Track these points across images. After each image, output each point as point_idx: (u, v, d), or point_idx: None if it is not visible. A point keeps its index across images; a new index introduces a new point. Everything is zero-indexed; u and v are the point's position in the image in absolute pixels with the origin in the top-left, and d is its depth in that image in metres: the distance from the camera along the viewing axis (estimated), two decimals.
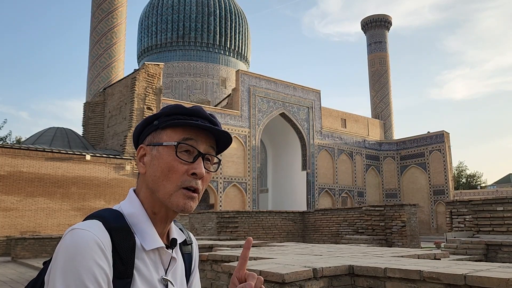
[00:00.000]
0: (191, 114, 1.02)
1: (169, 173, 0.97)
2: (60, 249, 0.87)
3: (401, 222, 13.05)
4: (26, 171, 19.88)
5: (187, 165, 0.98)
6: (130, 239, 0.94)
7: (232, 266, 3.87)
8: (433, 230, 34.93)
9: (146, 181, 1.01)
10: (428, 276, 3.04)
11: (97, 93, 28.31)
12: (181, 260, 1.09)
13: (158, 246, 0.98)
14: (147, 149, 1.02)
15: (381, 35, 46.67)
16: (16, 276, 11.44)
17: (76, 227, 0.90)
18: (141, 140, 1.06)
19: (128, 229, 0.95)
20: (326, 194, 34.57)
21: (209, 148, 1.03)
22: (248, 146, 30.19)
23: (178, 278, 1.04)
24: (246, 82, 30.85)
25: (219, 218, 15.64)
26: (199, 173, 0.98)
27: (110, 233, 0.91)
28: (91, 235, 0.87)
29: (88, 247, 0.85)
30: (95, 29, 29.66)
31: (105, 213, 0.96)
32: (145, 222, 0.99)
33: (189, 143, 0.99)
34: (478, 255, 8.04)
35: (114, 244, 0.90)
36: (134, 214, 0.99)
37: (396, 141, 40.09)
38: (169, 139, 1.00)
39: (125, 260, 0.91)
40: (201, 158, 1.00)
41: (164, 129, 1.01)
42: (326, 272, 3.49)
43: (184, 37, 38.15)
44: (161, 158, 0.99)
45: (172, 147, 0.98)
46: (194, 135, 1.01)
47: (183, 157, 0.98)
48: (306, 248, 6.72)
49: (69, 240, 0.86)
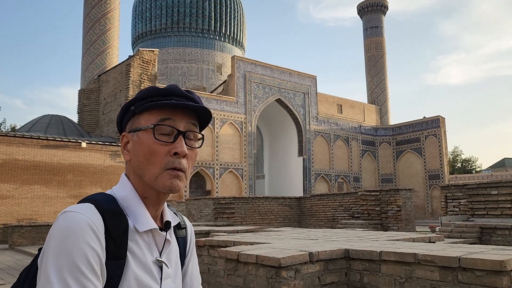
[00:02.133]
0: (166, 94, 1.00)
1: (151, 157, 0.97)
2: (53, 231, 0.87)
3: (397, 206, 13.15)
4: (21, 158, 19.80)
5: (167, 145, 0.97)
6: (123, 221, 0.94)
7: (229, 251, 3.89)
8: (428, 214, 35.25)
9: (132, 167, 1.01)
10: (423, 259, 3.07)
11: (92, 80, 28.08)
12: (176, 243, 1.09)
13: (151, 228, 0.98)
14: (129, 136, 1.02)
15: (377, 20, 46.38)
16: (13, 263, 11.49)
17: (69, 209, 0.90)
18: (123, 128, 1.06)
19: (121, 211, 0.96)
20: (322, 180, 34.73)
21: (190, 125, 1.02)
22: (244, 132, 30.16)
23: (172, 260, 1.04)
24: (241, 68, 30.67)
25: (216, 204, 15.70)
26: (180, 151, 0.97)
27: (102, 216, 0.91)
28: (83, 217, 0.88)
29: (80, 229, 0.86)
30: (88, 15, 29.29)
31: (98, 197, 0.96)
32: (137, 204, 0.99)
33: (167, 123, 0.98)
34: (472, 238, 8.13)
35: (106, 226, 0.91)
36: (126, 197, 0.99)
37: (392, 127, 40.16)
38: (146, 123, 0.99)
39: (118, 241, 0.91)
40: (181, 137, 0.99)
41: (141, 114, 1.01)
42: (322, 256, 3.51)
43: (178, 23, 37.75)
44: (141, 143, 0.98)
45: (150, 130, 0.98)
46: (171, 114, 0.99)
47: (163, 138, 0.97)
48: (302, 233, 6.77)
49: (62, 222, 0.87)
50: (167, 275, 1.00)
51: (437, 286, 2.98)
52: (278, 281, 3.26)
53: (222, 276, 3.95)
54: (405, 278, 3.19)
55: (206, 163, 27.61)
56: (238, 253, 3.71)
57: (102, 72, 27.99)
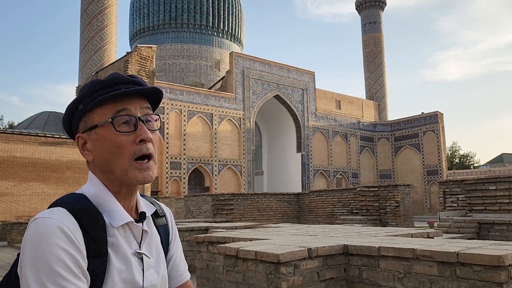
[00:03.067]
0: (113, 84, 0.98)
1: (117, 150, 0.95)
2: (26, 240, 0.86)
3: (395, 202, 13.17)
4: (19, 156, 19.77)
5: (131, 135, 0.96)
6: (98, 219, 0.93)
7: (228, 247, 3.89)
8: (426, 210, 35.35)
9: (98, 166, 0.99)
10: (422, 254, 3.08)
11: (90, 76, 27.99)
12: (155, 232, 1.08)
13: (126, 221, 0.97)
14: (85, 136, 0.99)
15: (376, 15, 46.31)
16: (12, 260, 11.46)
17: (38, 216, 0.89)
18: (74, 129, 1.02)
19: (95, 209, 0.95)
20: (321, 176, 34.77)
21: (144, 109, 1.00)
22: (243, 128, 30.14)
23: (153, 250, 1.04)
24: (240, 64, 30.61)
25: (215, 200, 15.71)
26: (146, 137, 0.97)
27: (76, 217, 0.90)
28: (54, 222, 0.86)
29: (52, 233, 0.84)
30: (86, 11, 29.17)
31: (68, 199, 0.95)
32: (109, 200, 0.98)
33: (124, 113, 0.97)
34: (470, 233, 8.15)
35: (83, 226, 0.90)
36: (97, 194, 0.98)
37: (390, 122, 40.19)
38: (101, 118, 0.96)
39: (97, 239, 0.91)
40: (141, 123, 0.98)
41: (92, 110, 0.97)
42: (321, 252, 3.52)
43: (176, 19, 37.63)
44: (103, 139, 0.96)
45: (109, 125, 0.95)
46: (125, 104, 0.97)
47: (124, 129, 0.96)
48: (301, 229, 6.78)
49: (33, 230, 0.86)
50: (149, 265, 1.00)
51: (435, 281, 2.99)
52: (277, 277, 3.27)
53: (221, 272, 3.96)
54: (404, 274, 3.20)
55: (204, 159, 27.60)
56: (237, 249, 3.71)
57: (100, 68, 27.91)
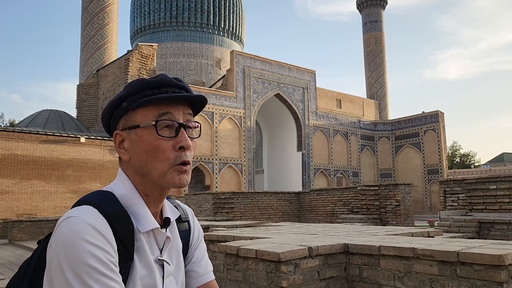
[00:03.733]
0: (159, 86, 0.97)
1: (156, 153, 0.94)
2: (58, 239, 0.84)
3: (395, 201, 13.18)
4: (20, 154, 19.78)
5: (171, 140, 0.95)
6: (129, 223, 0.92)
7: (228, 246, 3.90)
8: (426, 209, 35.33)
9: (133, 166, 0.98)
10: (422, 253, 3.08)
11: (90, 74, 28.00)
12: (177, 238, 1.06)
13: (153, 228, 0.96)
14: (124, 134, 0.98)
15: (377, 14, 46.23)
16: (13, 258, 11.51)
17: (71, 215, 0.86)
18: (112, 126, 1.01)
19: (125, 213, 0.93)
20: (321, 175, 34.76)
21: (187, 115, 0.99)
22: (243, 127, 30.14)
23: (174, 257, 1.03)
24: (240, 63, 30.59)
25: (215, 199, 15.72)
26: (186, 145, 0.96)
27: (107, 219, 0.88)
28: (87, 220, 0.85)
29: (86, 232, 0.83)
30: (87, 9, 29.15)
31: (97, 198, 0.92)
32: (138, 204, 0.96)
33: (167, 118, 0.95)
34: (471, 232, 8.16)
35: (114, 229, 0.88)
36: (126, 196, 0.96)
37: (391, 121, 40.15)
38: (144, 119, 0.95)
39: (127, 244, 0.90)
40: (183, 129, 0.96)
41: (135, 110, 0.96)
42: (321, 251, 3.53)
43: (177, 17, 37.59)
44: (142, 141, 0.95)
45: (151, 127, 0.94)
46: (169, 108, 0.96)
47: (165, 133, 0.94)
48: (301, 228, 6.79)
49: (66, 229, 0.84)
50: (169, 273, 0.99)
51: (435, 280, 3.00)
52: (278, 275, 3.27)
53: (222, 271, 3.96)
54: (404, 273, 3.21)
55: (205, 158, 27.61)
56: (238, 248, 3.72)
57: (100, 67, 27.90)
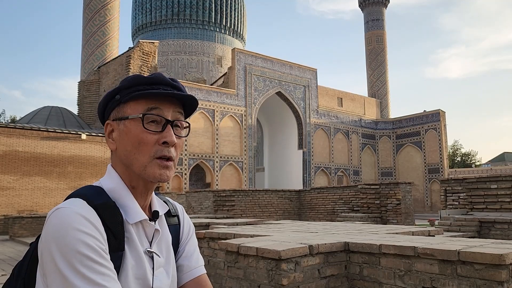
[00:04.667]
0: (152, 83, 1.00)
1: (140, 146, 0.97)
2: (49, 230, 0.86)
3: (396, 200, 13.18)
4: (22, 150, 19.81)
5: (156, 134, 0.97)
6: (117, 213, 0.94)
7: (229, 243, 3.90)
8: (427, 208, 35.34)
9: (119, 156, 1.01)
10: (423, 252, 3.08)
11: (92, 71, 28.00)
12: (167, 231, 1.09)
13: (141, 219, 0.98)
14: (114, 125, 1.01)
15: (379, 13, 46.14)
16: (14, 254, 11.54)
17: (60, 206, 0.89)
18: (106, 116, 1.04)
19: (114, 204, 0.95)
20: (322, 173, 34.76)
21: (177, 113, 1.02)
22: (245, 125, 30.13)
23: (163, 249, 1.05)
24: (242, 60, 30.56)
25: (216, 196, 15.73)
26: (170, 141, 0.98)
27: (97, 211, 0.91)
28: (76, 210, 0.87)
29: (75, 221, 0.85)
30: (88, 6, 29.13)
31: (86, 191, 0.95)
32: (126, 196, 0.99)
33: (155, 113, 0.98)
34: (471, 232, 8.16)
35: (104, 221, 0.90)
36: (114, 189, 0.99)
37: (392, 120, 40.12)
38: (133, 112, 0.98)
39: (117, 234, 0.92)
40: (170, 126, 0.99)
41: (126, 102, 1.00)
42: (322, 249, 3.53)
43: (179, 14, 37.55)
44: (129, 132, 0.98)
45: (138, 120, 0.97)
46: (158, 104, 0.99)
47: (151, 127, 0.97)
48: (302, 226, 6.79)
49: (56, 220, 0.86)
50: (159, 264, 1.01)
51: (436, 279, 3.00)
52: (278, 273, 3.28)
53: (222, 268, 3.97)
54: (405, 271, 3.21)
55: (206, 155, 27.62)
56: (238, 245, 3.72)
57: (102, 63, 27.90)
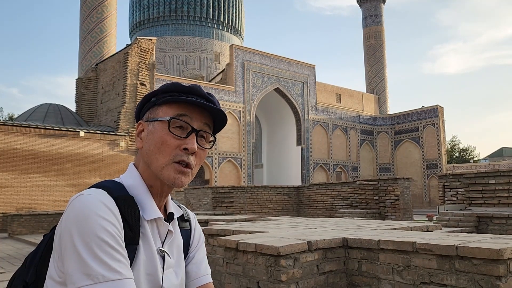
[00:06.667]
0: (187, 92, 1.04)
1: (162, 146, 1.00)
2: (70, 213, 0.89)
3: (395, 195, 13.20)
4: (20, 148, 19.77)
5: (179, 140, 1.01)
6: (135, 207, 0.98)
7: (228, 240, 3.91)
8: (425, 203, 35.42)
9: (142, 155, 1.05)
10: (421, 247, 3.09)
11: (89, 68, 27.91)
12: (179, 234, 1.12)
13: (157, 217, 1.01)
14: (145, 125, 1.06)
15: (377, 8, 46.06)
16: (13, 252, 11.53)
17: (83, 192, 0.93)
18: (141, 116, 1.10)
19: (132, 198, 0.99)
20: (321, 169, 34.80)
21: (204, 125, 1.06)
22: (243, 121, 30.12)
23: (174, 251, 1.07)
24: (240, 57, 30.51)
25: (215, 193, 15.74)
26: (190, 148, 1.01)
27: (116, 201, 0.94)
28: (98, 198, 0.91)
29: (96, 207, 0.89)
30: (85, 3, 29.00)
31: (108, 184, 1.00)
32: (144, 194, 1.02)
33: (183, 119, 1.02)
34: (469, 227, 8.19)
35: (121, 211, 0.93)
36: (133, 186, 1.02)
37: (391, 116, 40.14)
38: (164, 115, 1.03)
39: (133, 227, 0.95)
40: (194, 134, 1.03)
41: (160, 106, 1.04)
42: (321, 245, 3.54)
43: (176, 11, 37.43)
44: (155, 132, 1.02)
45: (166, 122, 1.01)
46: (188, 112, 1.03)
47: (176, 132, 1.01)
48: (300, 222, 6.80)
49: (78, 204, 0.90)
50: (169, 265, 1.03)
51: (434, 274, 3.01)
52: (277, 269, 3.28)
53: (221, 265, 3.98)
54: (403, 267, 3.22)
55: None
56: (237, 242, 3.73)
57: (99, 60, 27.80)
